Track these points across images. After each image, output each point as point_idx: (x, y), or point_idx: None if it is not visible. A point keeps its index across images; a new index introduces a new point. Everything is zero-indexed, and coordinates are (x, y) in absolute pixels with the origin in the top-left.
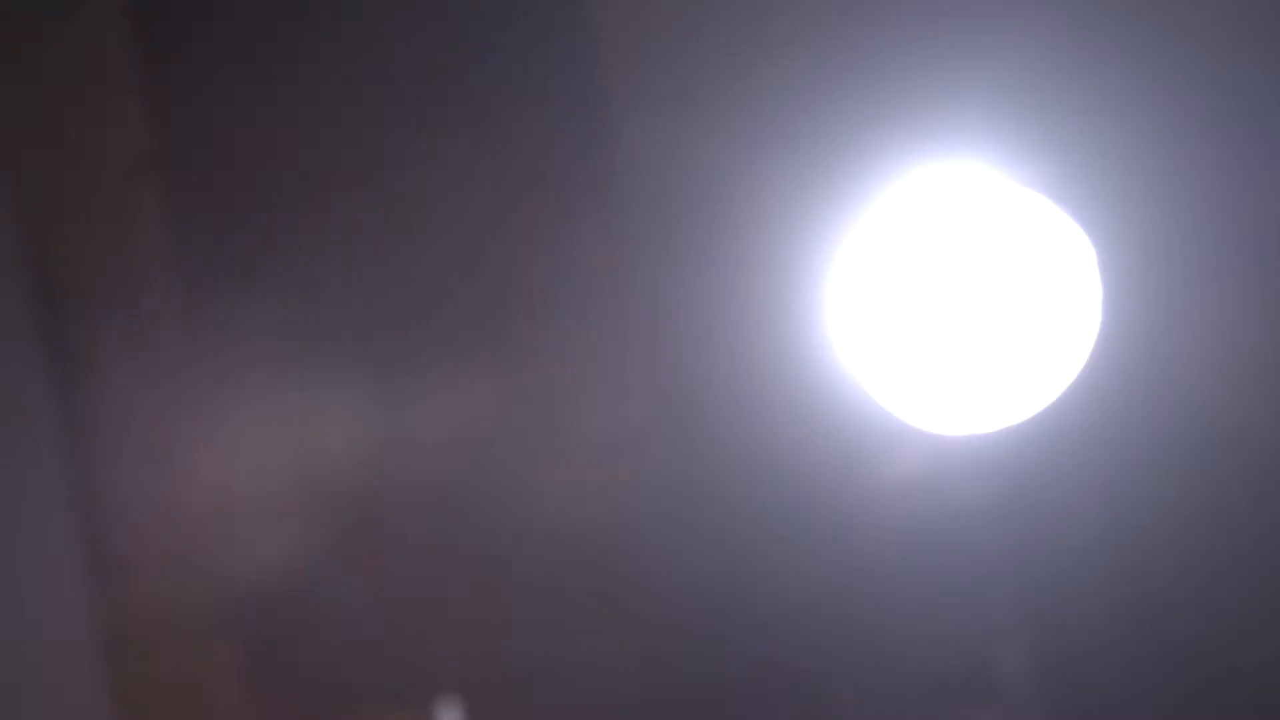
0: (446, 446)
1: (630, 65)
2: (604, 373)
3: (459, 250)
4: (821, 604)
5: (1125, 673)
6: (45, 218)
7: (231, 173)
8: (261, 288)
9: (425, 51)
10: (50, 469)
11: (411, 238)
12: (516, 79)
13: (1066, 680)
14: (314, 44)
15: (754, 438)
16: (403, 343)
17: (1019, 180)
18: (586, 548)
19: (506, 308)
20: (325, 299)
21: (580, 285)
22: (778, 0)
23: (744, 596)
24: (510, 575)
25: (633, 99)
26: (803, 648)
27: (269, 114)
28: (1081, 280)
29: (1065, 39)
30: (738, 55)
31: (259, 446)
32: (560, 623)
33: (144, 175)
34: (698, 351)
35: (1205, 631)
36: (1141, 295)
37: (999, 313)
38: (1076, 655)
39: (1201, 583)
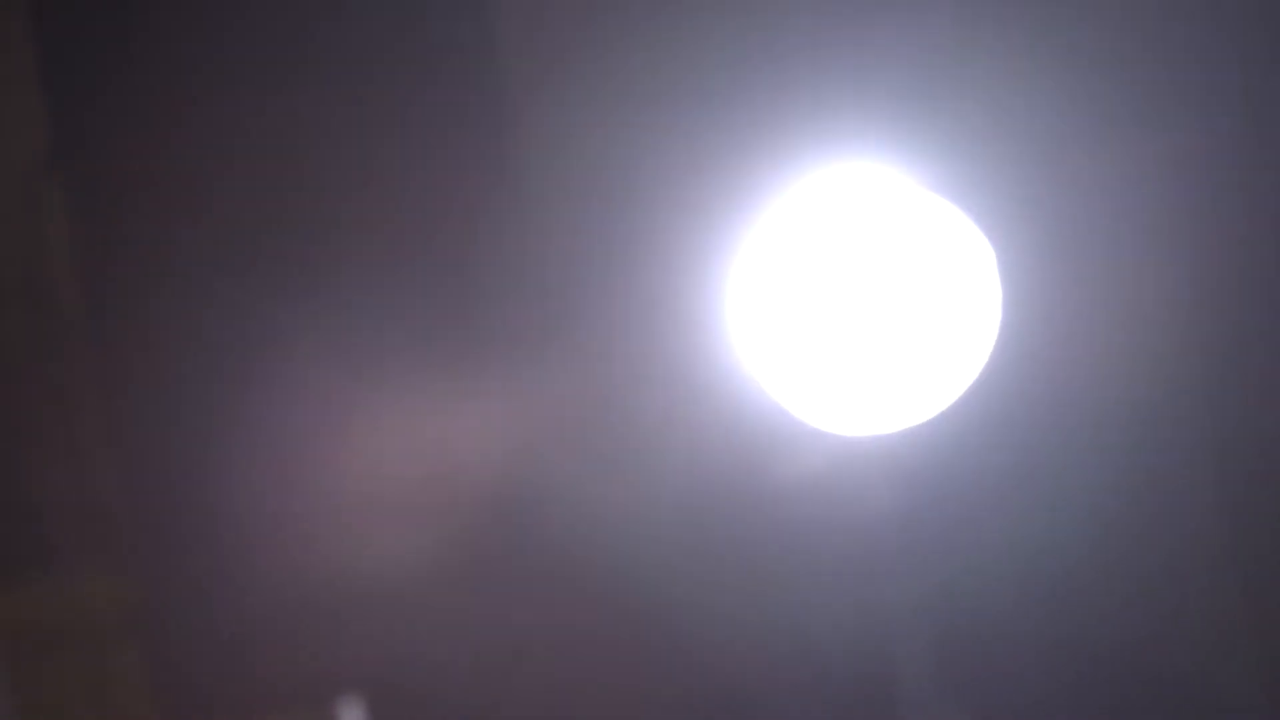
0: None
1: (532, 65)
2: (502, 373)
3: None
4: (721, 604)
5: (1027, 669)
6: None
7: (133, 167)
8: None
9: (327, 40)
10: None
11: (310, 227)
12: (420, 76)
13: (966, 676)
14: (216, 35)
15: (655, 439)
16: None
17: (920, 183)
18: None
19: (408, 304)
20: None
21: (482, 282)
22: (678, 2)
23: (643, 596)
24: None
25: (534, 101)
26: (704, 647)
27: (175, 110)
28: (981, 282)
29: (968, 45)
30: (638, 59)
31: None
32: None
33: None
34: (598, 353)
35: (1106, 627)
36: (1040, 296)
37: (899, 314)
38: (977, 650)
39: (1100, 579)
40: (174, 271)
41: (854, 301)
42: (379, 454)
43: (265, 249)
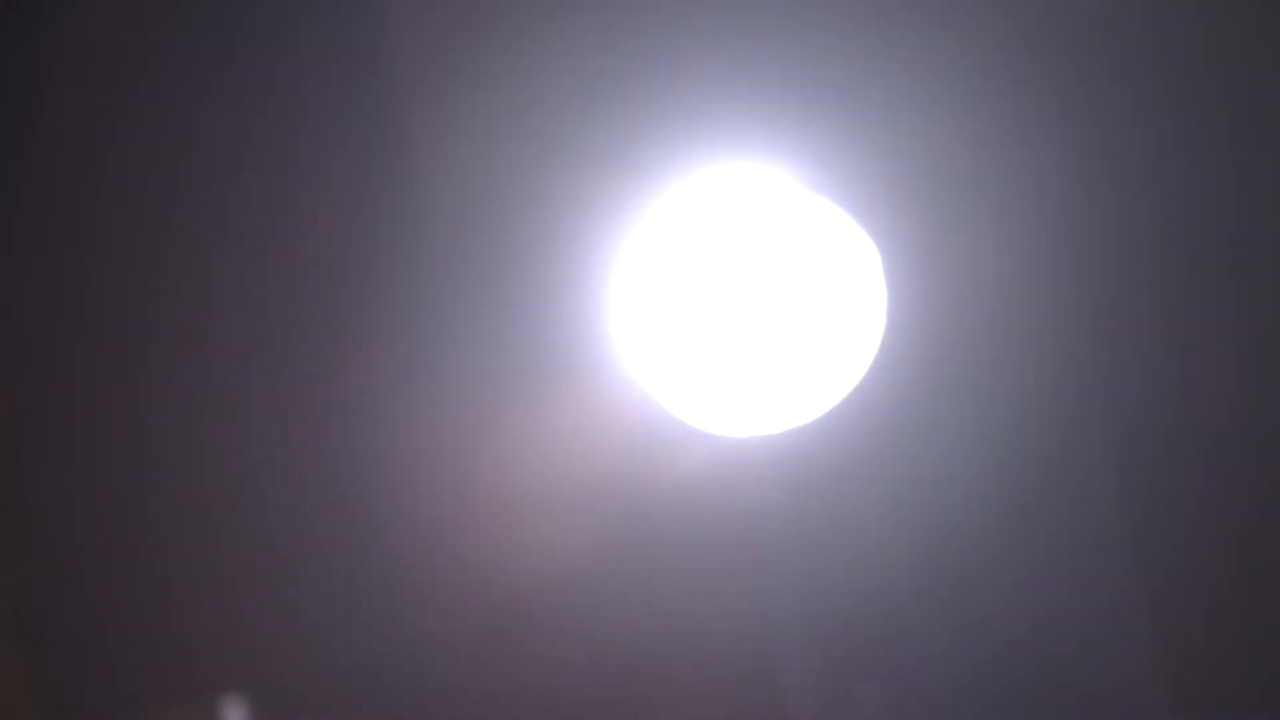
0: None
1: (415, 67)
2: (385, 373)
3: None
4: (606, 606)
5: (908, 661)
6: None
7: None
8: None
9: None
10: None
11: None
12: (304, 75)
13: (850, 677)
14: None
15: (539, 441)
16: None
17: (806, 185)
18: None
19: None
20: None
21: (364, 284)
22: (562, 4)
23: (526, 598)
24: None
25: (417, 102)
26: (588, 647)
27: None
28: (866, 284)
29: (853, 46)
30: (523, 61)
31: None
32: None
33: None
34: (480, 354)
35: (992, 620)
36: (925, 298)
37: (784, 316)
38: (860, 651)
39: (986, 578)
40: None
41: (738, 303)
42: None
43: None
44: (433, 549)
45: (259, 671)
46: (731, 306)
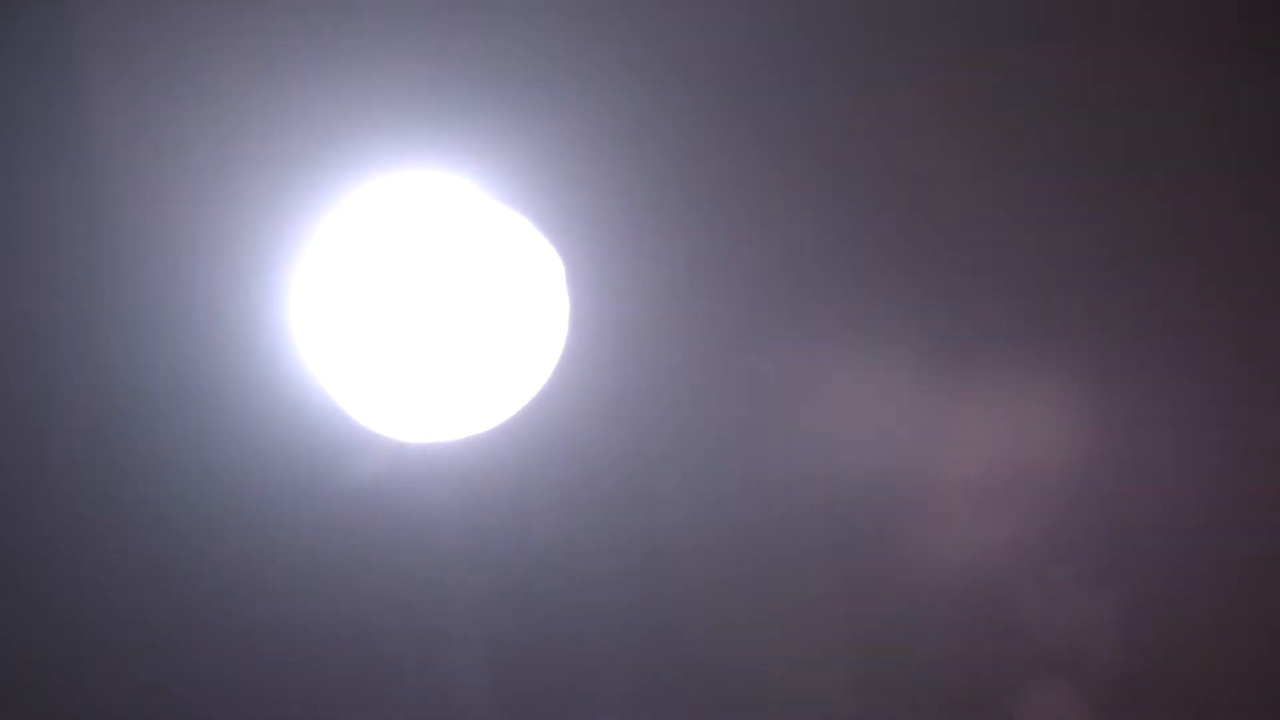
0: None
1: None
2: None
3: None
4: (279, 612)
5: (585, 674)
6: None
7: None
8: None
9: None
10: None
11: None
12: None
13: (528, 675)
14: None
15: (216, 443)
16: None
17: (491, 195)
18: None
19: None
20: None
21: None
22: (252, 3)
23: (195, 607)
24: None
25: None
26: (257, 647)
27: None
28: (549, 294)
29: (544, 57)
30: (212, 58)
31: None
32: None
33: None
34: (157, 353)
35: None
36: (608, 311)
37: (466, 324)
38: (536, 660)
39: (660, 586)
40: None
41: (421, 310)
42: None
43: None
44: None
45: None
46: (415, 314)
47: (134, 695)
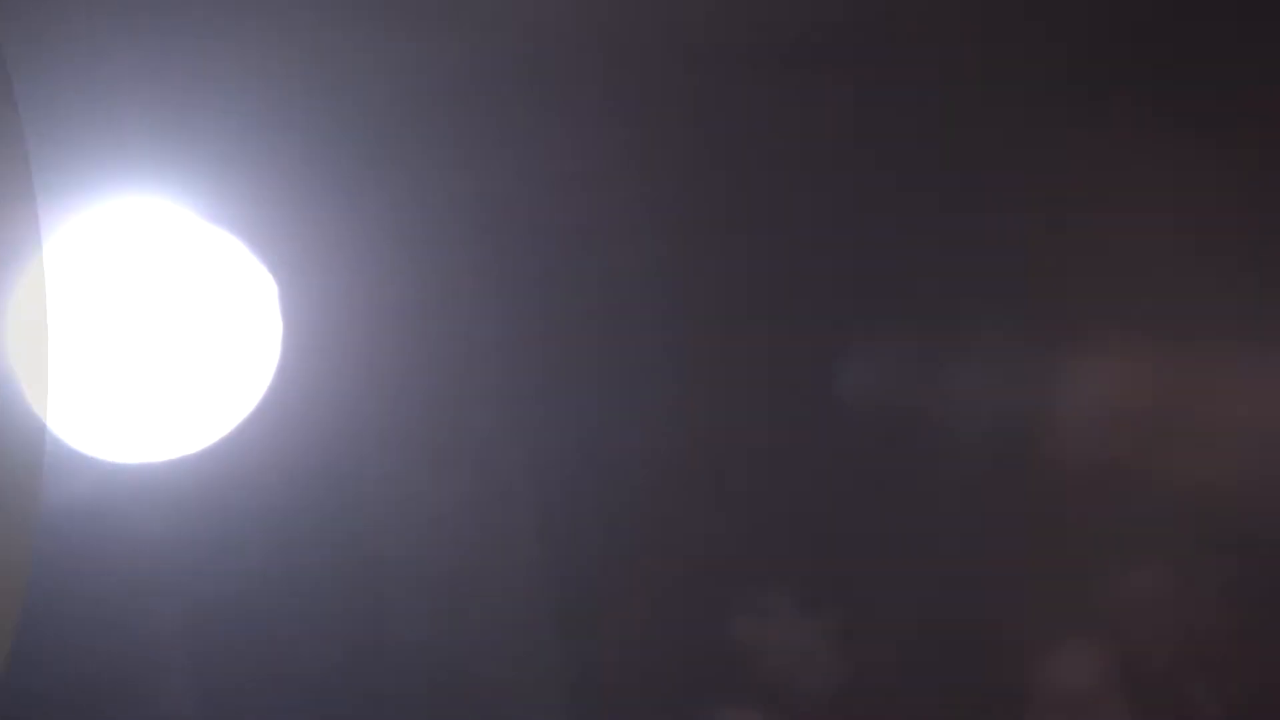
0: None
1: None
2: None
3: None
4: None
5: (300, 695)
6: None
7: None
8: None
9: None
10: None
11: None
12: None
13: (232, 695)
14: None
15: None
16: None
17: (204, 216)
18: None
19: None
20: None
21: None
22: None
23: None
24: None
25: None
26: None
27: None
28: (262, 317)
29: (256, 75)
30: None
31: None
32: None
33: None
34: None
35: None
36: (322, 334)
37: (176, 344)
38: (241, 682)
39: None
40: None
41: (129, 329)
42: None
43: None
44: None
45: None
46: (123, 333)
47: None
